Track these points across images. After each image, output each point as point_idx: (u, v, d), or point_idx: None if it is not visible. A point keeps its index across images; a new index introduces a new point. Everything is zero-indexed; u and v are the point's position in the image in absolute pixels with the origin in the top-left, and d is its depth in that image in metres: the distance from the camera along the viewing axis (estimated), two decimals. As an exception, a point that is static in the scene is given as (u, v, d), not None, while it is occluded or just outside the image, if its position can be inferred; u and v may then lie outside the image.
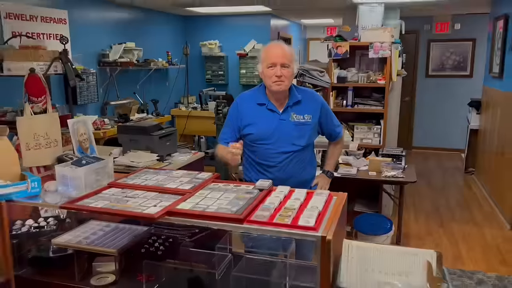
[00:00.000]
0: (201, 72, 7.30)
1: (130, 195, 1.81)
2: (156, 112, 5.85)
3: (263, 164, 2.26)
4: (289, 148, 2.23)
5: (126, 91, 5.67)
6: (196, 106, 6.32)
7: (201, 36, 7.15)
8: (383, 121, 3.80)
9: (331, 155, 2.50)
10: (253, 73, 6.99)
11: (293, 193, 1.84)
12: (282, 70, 2.17)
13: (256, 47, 6.86)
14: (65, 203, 1.72)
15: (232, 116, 2.33)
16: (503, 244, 3.83)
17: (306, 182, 2.35)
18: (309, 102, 2.30)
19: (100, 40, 5.33)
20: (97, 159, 2.01)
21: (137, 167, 3.40)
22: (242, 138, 2.33)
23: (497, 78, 4.98)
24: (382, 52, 3.67)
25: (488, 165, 5.36)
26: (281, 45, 2.24)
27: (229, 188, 1.90)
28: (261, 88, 2.34)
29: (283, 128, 2.23)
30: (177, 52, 6.73)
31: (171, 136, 3.85)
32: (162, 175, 2.09)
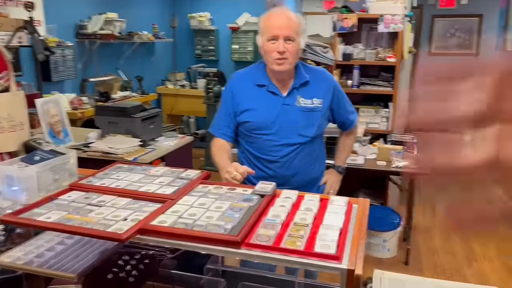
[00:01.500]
0: (190, 47, 6.81)
1: (94, 202, 1.42)
2: (141, 90, 5.39)
3: (263, 158, 1.86)
4: (294, 140, 1.84)
5: (107, 67, 5.19)
6: (185, 84, 5.86)
7: (190, 7, 6.63)
8: (392, 104, 3.42)
9: (343, 147, 2.11)
10: (246, 49, 6.52)
11: (303, 201, 1.46)
12: (286, 44, 1.76)
13: (249, 21, 6.37)
14: (7, 214, 1.31)
15: (227, 100, 1.92)
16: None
17: (314, 181, 1.96)
18: (319, 83, 1.89)
19: (78, 9, 4.82)
20: (55, 153, 1.60)
21: (116, 154, 3.00)
22: (238, 127, 1.93)
23: None
24: (393, 26, 3.26)
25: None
26: (286, 12, 1.82)
27: (221, 192, 1.51)
28: (260, 66, 1.92)
29: (288, 115, 1.83)
30: (164, 24, 6.22)
31: (155, 118, 3.44)
32: (138, 173, 1.69)
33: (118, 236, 1.18)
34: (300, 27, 1.80)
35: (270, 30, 1.78)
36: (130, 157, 3.01)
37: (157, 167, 1.76)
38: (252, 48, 6.47)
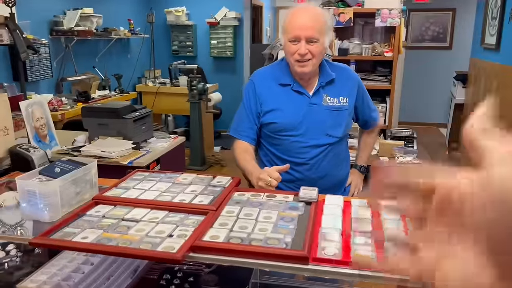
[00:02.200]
0: (166, 43, 6.61)
1: (129, 217, 1.29)
2: (119, 88, 5.17)
3: (289, 161, 1.77)
4: (323, 140, 1.76)
5: (84, 65, 4.94)
6: (165, 82, 5.67)
7: (166, 2, 6.43)
8: (390, 99, 3.41)
9: (365, 145, 2.05)
10: (226, 44, 6.39)
11: (352, 207, 1.38)
12: (309, 46, 1.67)
13: (228, 15, 6.24)
14: (38, 236, 1.17)
15: (249, 100, 1.82)
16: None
17: (341, 183, 1.90)
18: (344, 81, 1.82)
19: (51, 4, 4.55)
20: (76, 164, 1.45)
21: (110, 158, 2.83)
22: (261, 128, 1.83)
23: (492, 50, 4.70)
24: (390, 21, 3.23)
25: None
26: (310, 10, 1.71)
27: (262, 201, 1.41)
28: (282, 64, 1.82)
29: (315, 115, 1.75)
30: (139, 19, 6.00)
31: (146, 118, 3.29)
32: (165, 182, 1.57)
33: (172, 256, 1.07)
34: (325, 25, 1.71)
35: (291, 30, 1.69)
36: (125, 160, 2.86)
37: (183, 174, 1.64)
38: (232, 44, 6.35)
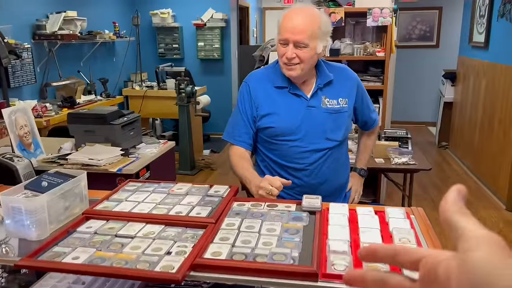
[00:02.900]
0: (152, 46, 6.50)
1: (123, 233, 1.21)
2: (106, 93, 5.05)
3: (288, 167, 1.71)
4: (323, 145, 1.69)
5: (69, 70, 4.81)
6: (152, 85, 5.56)
7: (152, 4, 6.32)
8: (383, 99, 3.36)
9: (364, 148, 1.99)
10: (213, 46, 6.30)
11: (358, 215, 1.32)
12: (296, 50, 1.59)
13: (215, 17, 6.16)
14: (25, 257, 1.08)
15: (244, 103, 1.74)
16: (506, 228, 3.60)
17: (342, 188, 1.83)
18: (343, 82, 1.75)
19: (34, 8, 4.41)
20: (64, 176, 1.36)
21: (98, 165, 2.73)
22: (257, 133, 1.76)
23: (481, 48, 4.70)
24: (382, 20, 3.19)
25: (467, 139, 5.16)
26: (306, 11, 1.63)
27: (263, 211, 1.34)
28: (278, 66, 1.75)
29: (314, 118, 1.68)
30: (124, 22, 5.87)
31: (134, 124, 3.20)
32: (159, 193, 1.49)
33: (171, 277, 0.99)
34: (320, 30, 1.62)
35: (282, 32, 1.62)
36: (113, 168, 2.76)
37: (178, 184, 1.56)
38: (219, 45, 6.27)
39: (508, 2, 4.07)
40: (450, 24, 6.83)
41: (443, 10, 6.89)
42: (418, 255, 0.40)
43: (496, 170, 4.19)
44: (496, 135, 4.24)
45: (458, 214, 0.41)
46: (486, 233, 0.38)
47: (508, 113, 3.97)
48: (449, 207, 0.41)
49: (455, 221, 0.40)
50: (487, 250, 0.36)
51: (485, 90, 4.60)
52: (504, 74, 4.10)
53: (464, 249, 0.37)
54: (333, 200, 1.79)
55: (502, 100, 4.11)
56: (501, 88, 4.17)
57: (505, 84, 4.08)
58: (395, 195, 4.13)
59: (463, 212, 0.41)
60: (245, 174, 1.62)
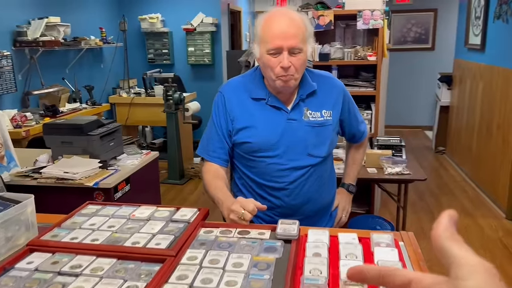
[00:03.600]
0: (141, 51, 6.35)
1: (67, 270, 1.05)
2: (91, 100, 4.89)
3: (267, 185, 1.55)
4: (304, 162, 1.53)
5: (52, 77, 4.65)
6: (140, 92, 5.40)
7: (140, 9, 6.17)
8: (375, 105, 3.21)
9: (352, 162, 1.82)
10: (203, 51, 6.15)
11: (339, 243, 1.16)
12: (292, 58, 1.42)
13: (205, 21, 6.01)
14: None
15: (219, 116, 1.58)
16: (505, 237, 3.44)
17: (327, 207, 1.67)
18: (327, 92, 1.59)
19: (14, 13, 4.26)
20: (5, 203, 1.20)
21: (74, 179, 2.57)
22: (234, 148, 1.60)
23: (477, 50, 4.56)
24: (373, 22, 3.04)
25: (464, 145, 5.01)
26: (289, 14, 1.46)
27: (232, 240, 1.18)
28: (256, 74, 1.59)
29: (295, 133, 1.52)
30: (112, 28, 5.73)
31: (115, 134, 3.04)
32: (118, 218, 1.32)
33: (112, 329, 0.83)
34: (308, 32, 1.46)
35: (271, 40, 1.42)
36: (90, 182, 2.61)
37: (141, 207, 1.40)
38: (210, 50, 6.12)
39: (504, 3, 3.93)
40: (445, 26, 6.70)
41: (438, 12, 6.76)
42: (406, 278, 0.41)
43: (496, 177, 4.04)
44: (495, 140, 4.09)
45: (450, 240, 0.41)
46: (478, 261, 0.38)
47: (506, 118, 3.82)
48: (441, 233, 0.41)
49: (447, 248, 0.40)
50: (479, 279, 0.37)
51: (482, 94, 4.46)
52: (501, 77, 3.96)
53: (456, 277, 0.38)
54: (318, 220, 1.64)
55: (500, 104, 3.96)
56: (498, 91, 4.02)
57: (502, 87, 3.94)
58: (390, 205, 3.98)
59: (455, 238, 0.41)
60: (217, 195, 1.46)
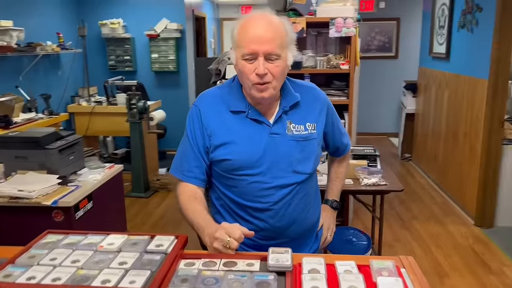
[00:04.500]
0: (102, 58, 6.08)
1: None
2: (48, 110, 4.59)
3: (249, 207, 1.41)
4: (289, 179, 1.41)
5: (4, 86, 4.34)
6: (101, 100, 5.14)
7: (100, 14, 5.91)
8: (348, 115, 3.15)
9: (335, 176, 1.72)
10: (168, 58, 5.97)
11: (338, 273, 1.04)
12: (268, 64, 1.30)
13: (169, 27, 5.83)
14: None
15: (195, 131, 1.44)
16: (476, 244, 3.45)
17: (312, 229, 1.55)
18: (311, 103, 1.49)
19: (-39, 17, 3.94)
20: None
21: (30, 198, 2.35)
22: (211, 166, 1.46)
23: (442, 59, 4.63)
24: (345, 30, 2.98)
25: (430, 152, 5.07)
26: (267, 18, 1.35)
27: (218, 274, 1.05)
28: (234, 85, 1.46)
29: (278, 148, 1.40)
30: (70, 33, 5.45)
31: (75, 146, 2.83)
32: (84, 249, 1.16)
33: None
34: (288, 37, 1.36)
35: (245, 45, 1.31)
36: (48, 200, 2.40)
37: (110, 235, 1.23)
38: (174, 57, 5.94)
39: (468, 13, 4.00)
40: (408, 35, 6.82)
41: (400, 21, 6.88)
42: None
43: (463, 185, 4.08)
44: (461, 148, 4.14)
45: None
46: None
47: (473, 126, 3.87)
48: None
49: None
50: None
51: (448, 102, 4.52)
52: (467, 85, 4.02)
53: None
54: (303, 242, 1.53)
55: (467, 113, 4.02)
56: (465, 100, 4.08)
57: (468, 95, 3.99)
58: (362, 215, 3.94)
59: None
60: (196, 220, 1.32)
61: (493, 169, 3.68)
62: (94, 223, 2.63)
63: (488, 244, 3.48)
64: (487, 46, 3.58)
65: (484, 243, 3.50)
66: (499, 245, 3.44)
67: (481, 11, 3.75)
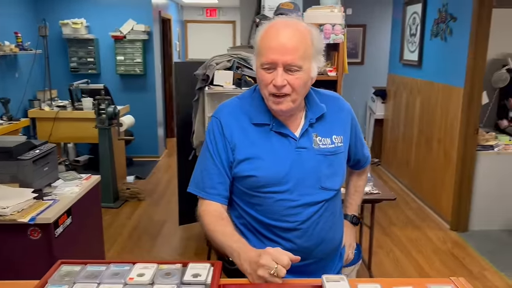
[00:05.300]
0: (63, 59, 5.75)
1: None
2: (7, 115, 4.27)
3: (275, 226, 1.32)
4: (318, 196, 1.33)
5: (-42, 88, 3.99)
6: (65, 105, 4.84)
7: (61, 13, 5.59)
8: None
9: (355, 190, 1.66)
10: (134, 60, 5.74)
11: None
12: (288, 75, 1.22)
13: (136, 29, 5.61)
14: None
15: (217, 145, 1.32)
16: (455, 249, 3.52)
17: (337, 247, 1.47)
18: (337, 115, 1.41)
19: None
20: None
21: (4, 215, 2.14)
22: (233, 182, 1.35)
23: (414, 66, 4.73)
24: (334, 37, 2.95)
25: (401, 157, 5.16)
26: (292, 25, 1.25)
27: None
28: (256, 95, 1.36)
29: (306, 163, 1.31)
30: (29, 33, 5.10)
31: (49, 157, 2.63)
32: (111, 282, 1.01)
33: None
34: (314, 48, 1.26)
35: (265, 53, 1.22)
36: (25, 217, 2.20)
37: (137, 264, 1.10)
38: (141, 60, 5.72)
39: (442, 22, 4.10)
40: (374, 41, 6.95)
41: (367, 28, 7.00)
42: None
43: (438, 190, 4.17)
44: (435, 154, 4.23)
45: None
46: None
47: (448, 132, 3.96)
48: None
49: None
50: None
51: (421, 108, 4.61)
52: (441, 93, 4.11)
53: None
54: (329, 262, 1.45)
55: (441, 119, 4.11)
56: (438, 107, 4.17)
57: (442, 103, 4.09)
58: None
59: None
60: (228, 243, 1.20)
61: (468, 175, 3.78)
62: (73, 240, 2.44)
63: (466, 248, 3.56)
64: (463, 55, 3.67)
65: (462, 247, 3.58)
66: (476, 249, 3.53)
67: (455, 21, 3.85)
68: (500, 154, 3.80)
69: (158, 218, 4.13)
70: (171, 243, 3.65)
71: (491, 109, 4.12)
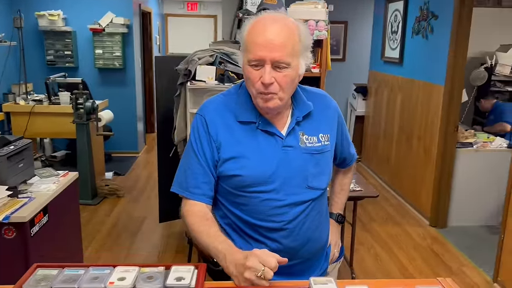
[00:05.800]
0: (39, 52, 5.59)
1: None
2: (-20, 109, 4.13)
3: (260, 226, 1.29)
4: (304, 196, 1.30)
5: None
6: (41, 99, 4.69)
7: (37, 4, 5.43)
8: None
9: (340, 188, 1.64)
10: (113, 54, 5.61)
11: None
12: (276, 72, 1.19)
13: (115, 21, 5.49)
14: None
15: (201, 143, 1.29)
16: (434, 245, 3.57)
17: (323, 247, 1.45)
18: (323, 113, 1.39)
19: None
20: None
21: (-25, 214, 2.05)
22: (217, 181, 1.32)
23: (395, 63, 4.76)
24: (317, 33, 2.93)
25: (382, 154, 5.20)
26: (280, 20, 1.21)
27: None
28: (242, 92, 1.33)
29: (292, 162, 1.28)
30: (3, 24, 4.94)
31: (24, 153, 2.55)
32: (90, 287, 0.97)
33: None
34: (302, 44, 1.23)
35: (253, 49, 1.18)
36: (-1, 215, 2.11)
37: (117, 268, 1.05)
38: (120, 54, 5.60)
39: (423, 20, 4.13)
40: (355, 38, 6.97)
41: (348, 25, 7.01)
42: None
43: (417, 186, 4.22)
44: (415, 151, 4.27)
45: None
46: None
47: (428, 130, 4.00)
48: None
49: None
50: None
51: (401, 105, 4.65)
52: (422, 90, 4.15)
53: None
54: (315, 262, 1.43)
55: (421, 117, 4.15)
56: (419, 104, 4.21)
57: (423, 100, 4.12)
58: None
59: None
60: (213, 244, 1.17)
61: (448, 172, 3.83)
62: (50, 239, 2.37)
63: (445, 244, 3.61)
64: (443, 53, 3.71)
65: (442, 243, 3.63)
66: (455, 245, 3.58)
67: (436, 19, 3.88)
68: (478, 151, 3.86)
69: (137, 215, 4.06)
70: (151, 240, 3.58)
71: (469, 107, 4.18)
